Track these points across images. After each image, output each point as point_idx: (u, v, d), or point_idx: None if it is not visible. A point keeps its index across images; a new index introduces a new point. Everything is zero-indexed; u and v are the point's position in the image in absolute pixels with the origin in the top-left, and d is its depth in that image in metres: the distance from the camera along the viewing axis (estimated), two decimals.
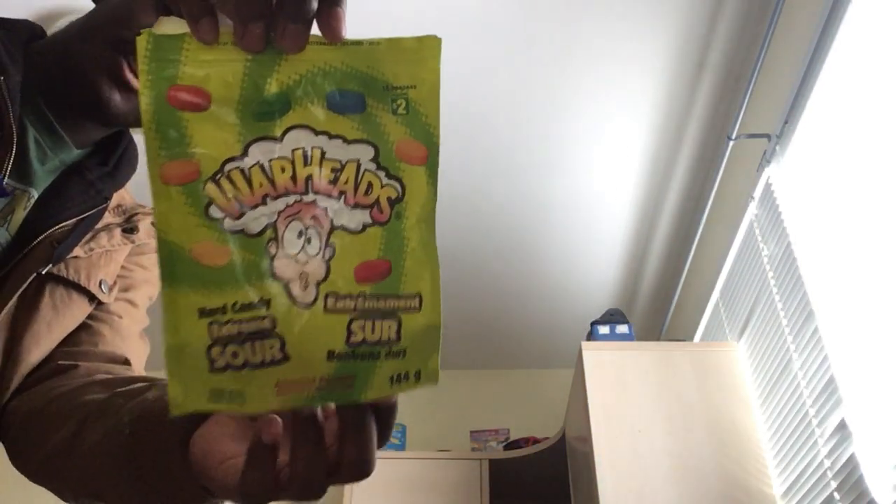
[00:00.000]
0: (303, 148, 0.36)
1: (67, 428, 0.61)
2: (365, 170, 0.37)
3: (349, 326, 0.37)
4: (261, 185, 0.36)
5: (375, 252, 0.37)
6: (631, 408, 2.06)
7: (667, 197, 2.78)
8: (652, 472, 1.93)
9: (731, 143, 2.25)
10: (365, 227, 0.37)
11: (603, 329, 2.38)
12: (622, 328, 2.39)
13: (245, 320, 0.36)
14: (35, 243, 0.66)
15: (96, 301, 0.75)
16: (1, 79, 0.60)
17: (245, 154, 0.35)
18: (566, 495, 2.59)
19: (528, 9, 2.14)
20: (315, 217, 0.36)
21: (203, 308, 0.35)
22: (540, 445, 2.94)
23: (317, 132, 0.36)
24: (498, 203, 2.84)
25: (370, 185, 0.37)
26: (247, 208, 0.36)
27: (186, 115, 0.35)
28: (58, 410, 0.64)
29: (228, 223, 0.35)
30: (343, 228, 0.37)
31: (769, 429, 1.99)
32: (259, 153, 0.36)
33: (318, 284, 0.36)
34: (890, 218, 1.52)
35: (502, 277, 3.23)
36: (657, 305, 3.34)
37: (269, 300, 0.36)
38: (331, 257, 0.37)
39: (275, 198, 0.36)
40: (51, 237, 0.67)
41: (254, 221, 0.36)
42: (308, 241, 0.36)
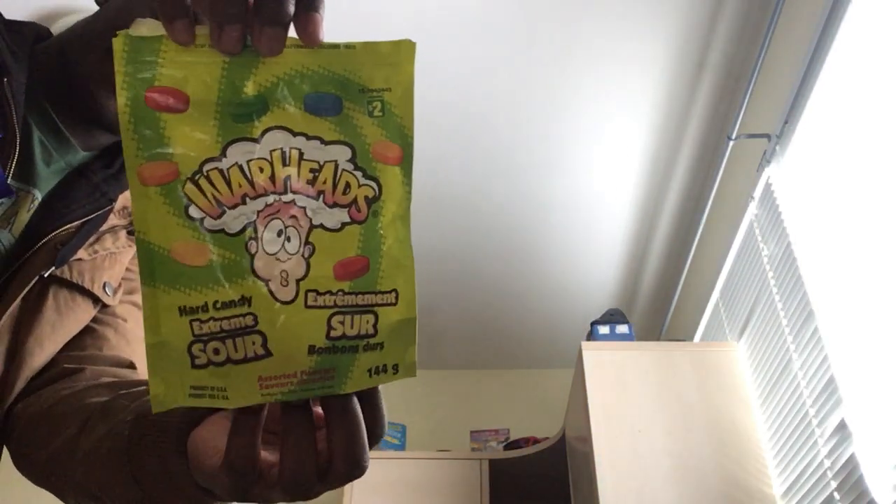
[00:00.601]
0: (281, 148, 0.37)
1: (70, 429, 0.61)
2: (343, 170, 0.38)
3: (329, 321, 0.38)
4: (240, 186, 0.36)
5: (353, 250, 0.38)
6: (631, 408, 2.06)
7: (667, 197, 2.79)
8: (652, 472, 1.93)
9: (731, 143, 2.25)
10: (343, 226, 0.38)
11: (603, 329, 2.39)
12: (622, 328, 2.39)
13: (226, 318, 0.37)
14: (39, 246, 0.66)
15: (100, 304, 0.75)
16: (4, 80, 0.60)
17: (224, 155, 0.36)
18: (566, 495, 2.59)
19: (528, 9, 2.14)
20: (294, 216, 0.37)
21: (184, 306, 0.36)
22: (540, 445, 2.94)
23: (295, 133, 0.37)
24: (498, 203, 2.84)
25: (348, 185, 0.38)
26: (226, 208, 0.36)
27: (164, 117, 0.35)
28: (62, 412, 0.64)
29: (208, 223, 0.36)
30: (322, 227, 0.38)
31: (769, 429, 1.99)
32: (238, 154, 0.36)
33: (298, 282, 0.37)
34: (890, 218, 1.52)
35: (502, 277, 3.23)
36: (657, 305, 3.34)
37: (250, 298, 0.37)
38: (310, 255, 0.37)
39: (254, 198, 0.37)
40: (55, 240, 0.67)
41: (233, 221, 0.36)
42: (287, 240, 0.37)
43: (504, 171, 2.70)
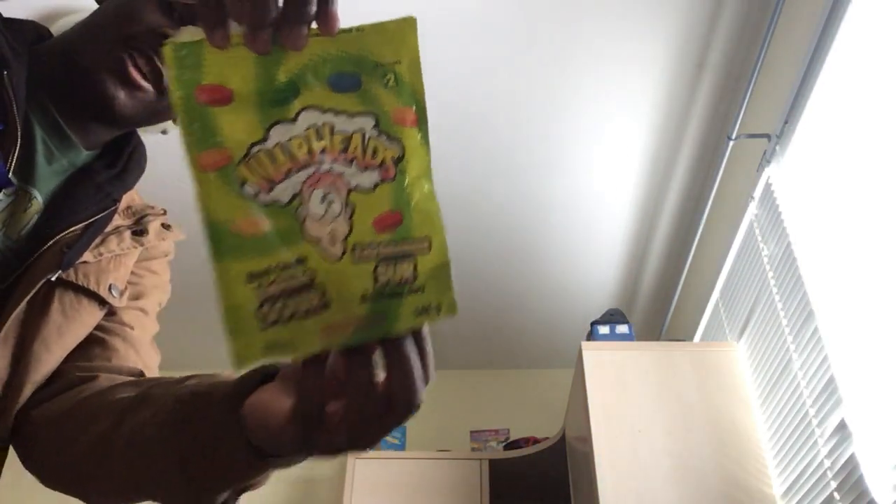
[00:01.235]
0: (315, 125, 0.42)
1: (102, 423, 0.61)
2: (370, 137, 0.43)
3: (375, 271, 0.42)
4: (284, 162, 0.41)
5: (388, 205, 0.43)
6: (631, 408, 2.06)
7: (667, 197, 2.79)
8: (652, 472, 1.93)
9: (731, 143, 2.25)
10: (376, 186, 0.43)
11: (603, 329, 2.39)
12: (622, 328, 2.39)
13: (287, 278, 0.41)
14: (44, 249, 0.66)
15: (107, 306, 0.75)
16: (4, 73, 0.60)
17: (267, 137, 0.41)
18: (566, 495, 2.59)
19: (528, 9, 2.14)
20: (333, 183, 0.42)
21: (251, 273, 0.41)
22: (540, 445, 2.94)
23: (324, 110, 0.42)
24: (498, 203, 2.84)
25: (376, 150, 0.43)
26: (275, 183, 0.41)
27: (213, 110, 0.40)
28: (89, 409, 0.64)
29: (262, 197, 0.41)
30: (358, 189, 0.42)
31: (769, 429, 1.99)
32: (278, 134, 0.41)
33: (345, 239, 0.42)
34: (890, 218, 1.52)
35: (502, 277, 3.23)
36: (657, 305, 3.34)
37: (306, 258, 0.41)
38: (351, 215, 0.42)
39: (297, 170, 0.41)
40: (60, 242, 0.67)
41: (283, 193, 0.41)
42: (330, 204, 0.42)
43: (504, 171, 2.70)
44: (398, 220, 0.43)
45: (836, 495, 1.62)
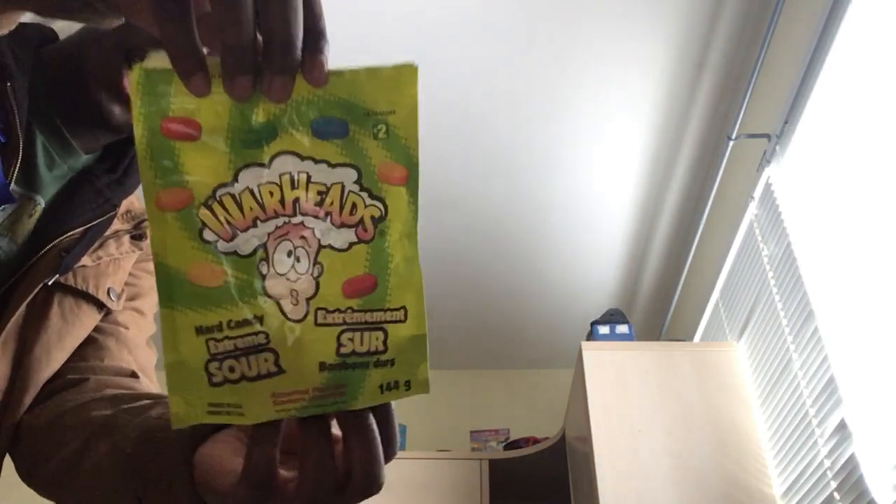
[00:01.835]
0: (290, 173, 0.38)
1: (73, 444, 0.61)
2: (349, 191, 0.39)
3: (339, 338, 0.39)
4: (251, 209, 0.38)
5: (361, 268, 0.39)
6: (631, 408, 2.06)
7: (667, 197, 2.79)
8: (652, 472, 1.93)
9: (731, 143, 2.25)
10: (351, 245, 0.39)
11: (603, 329, 2.39)
12: (622, 328, 2.39)
13: (240, 336, 0.38)
14: (43, 252, 0.66)
15: (105, 309, 0.75)
16: (7, 84, 0.60)
17: (235, 180, 0.37)
18: (566, 495, 2.59)
19: (529, 9, 2.14)
20: (303, 237, 0.39)
21: (200, 326, 0.38)
22: (540, 445, 2.94)
23: (303, 157, 0.38)
24: (498, 203, 2.84)
25: (354, 206, 0.39)
26: (238, 231, 0.38)
27: (179, 145, 0.37)
28: (65, 425, 0.64)
29: (222, 245, 0.38)
30: (330, 247, 0.39)
31: (769, 429, 1.99)
32: (248, 179, 0.37)
33: (309, 300, 0.39)
34: (890, 218, 1.52)
35: (502, 277, 3.23)
36: (657, 305, 3.34)
37: (262, 316, 0.38)
38: (319, 274, 0.39)
39: (264, 220, 0.38)
40: (58, 246, 0.67)
41: (245, 243, 0.38)
42: (297, 260, 0.38)
43: (504, 171, 2.70)
44: (371, 286, 0.39)
45: (836, 495, 1.62)
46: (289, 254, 0.38)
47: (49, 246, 0.66)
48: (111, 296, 0.74)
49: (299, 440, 0.40)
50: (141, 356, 0.79)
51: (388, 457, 0.41)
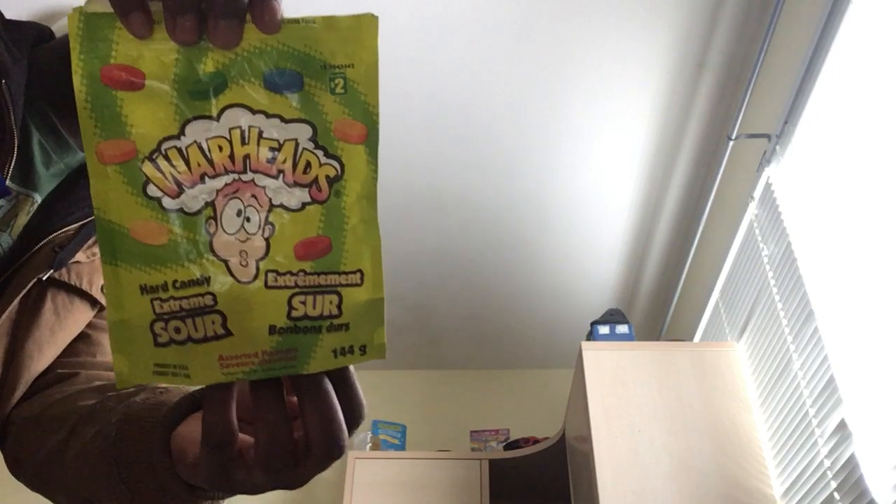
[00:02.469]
0: (240, 127, 0.36)
1: (60, 433, 0.61)
2: (303, 149, 0.37)
3: (290, 301, 0.38)
4: (199, 164, 0.36)
5: (315, 230, 0.38)
6: (631, 408, 2.06)
7: (667, 197, 2.79)
8: (652, 472, 1.93)
9: (731, 143, 2.25)
10: (304, 206, 0.37)
11: (603, 329, 2.38)
12: (622, 328, 2.39)
13: (186, 297, 0.37)
14: (37, 248, 0.66)
15: (98, 306, 0.75)
16: (3, 81, 0.60)
17: (182, 133, 0.36)
18: (566, 495, 2.60)
19: (529, 9, 2.14)
20: (254, 195, 0.37)
21: (144, 285, 0.36)
22: (540, 445, 2.94)
23: (254, 111, 0.36)
24: (498, 203, 2.84)
25: (308, 164, 0.37)
26: (185, 187, 0.36)
27: (121, 95, 0.35)
28: (52, 416, 0.64)
29: (167, 202, 0.36)
30: (282, 207, 0.37)
31: (769, 429, 1.99)
32: (196, 132, 0.36)
33: (259, 262, 0.37)
34: (890, 218, 1.52)
35: (502, 277, 3.23)
36: (657, 305, 3.34)
37: (210, 277, 0.37)
38: (270, 235, 0.37)
39: (213, 176, 0.36)
40: (53, 242, 0.67)
41: (192, 200, 0.36)
42: (247, 220, 0.37)
43: (504, 171, 2.70)
44: (325, 248, 0.38)
45: (836, 495, 1.62)
46: (238, 213, 0.37)
47: (43, 241, 0.66)
48: (105, 292, 0.74)
49: (252, 403, 0.39)
50: None
51: (353, 420, 0.40)
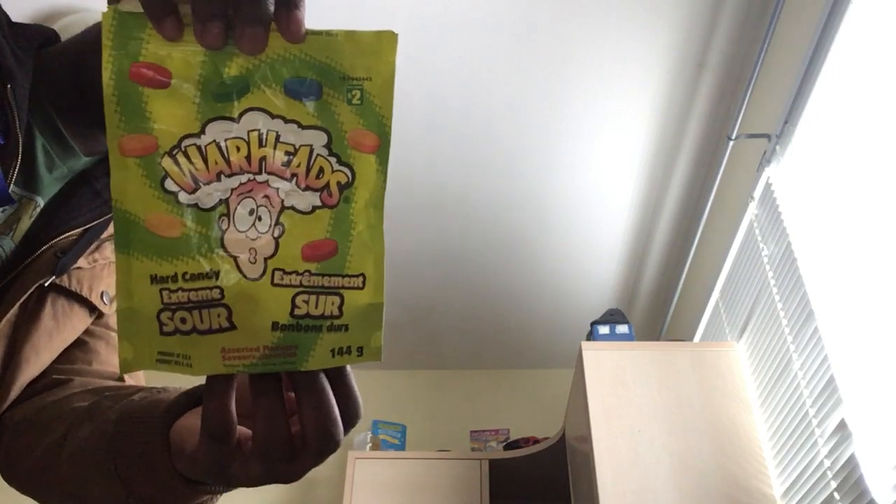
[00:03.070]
0: (258, 130, 0.38)
1: (55, 433, 0.61)
2: (317, 154, 0.39)
3: (294, 300, 0.39)
4: (216, 163, 0.38)
5: (323, 233, 0.39)
6: (631, 408, 2.06)
7: (667, 197, 2.79)
8: (652, 472, 1.93)
9: (731, 143, 2.25)
10: (314, 209, 0.39)
11: (603, 329, 2.38)
12: (622, 328, 2.39)
13: (195, 289, 0.38)
14: (39, 253, 0.66)
15: (97, 312, 0.74)
16: (8, 86, 0.60)
17: (203, 132, 0.37)
18: (566, 495, 2.60)
19: (529, 9, 2.14)
20: (267, 196, 0.38)
21: (155, 275, 0.38)
22: (540, 445, 2.94)
23: (273, 116, 0.38)
24: (498, 203, 2.84)
25: (321, 170, 0.39)
26: (201, 183, 0.38)
27: (147, 91, 0.36)
28: (47, 418, 0.64)
29: (183, 196, 0.38)
30: (293, 209, 0.39)
31: (769, 429, 1.99)
32: (216, 132, 0.37)
33: (267, 260, 0.39)
34: (890, 218, 1.52)
35: (502, 277, 3.23)
36: (657, 305, 3.34)
37: (219, 272, 0.38)
38: (280, 235, 0.39)
39: (229, 175, 0.38)
40: (55, 247, 0.66)
41: (207, 196, 0.38)
42: (259, 219, 0.38)
43: (504, 171, 2.70)
44: (331, 251, 0.39)
45: (836, 495, 1.62)
46: (251, 212, 0.38)
47: (46, 246, 0.66)
48: (104, 299, 0.74)
49: (251, 395, 0.40)
50: None
51: (349, 417, 0.41)
